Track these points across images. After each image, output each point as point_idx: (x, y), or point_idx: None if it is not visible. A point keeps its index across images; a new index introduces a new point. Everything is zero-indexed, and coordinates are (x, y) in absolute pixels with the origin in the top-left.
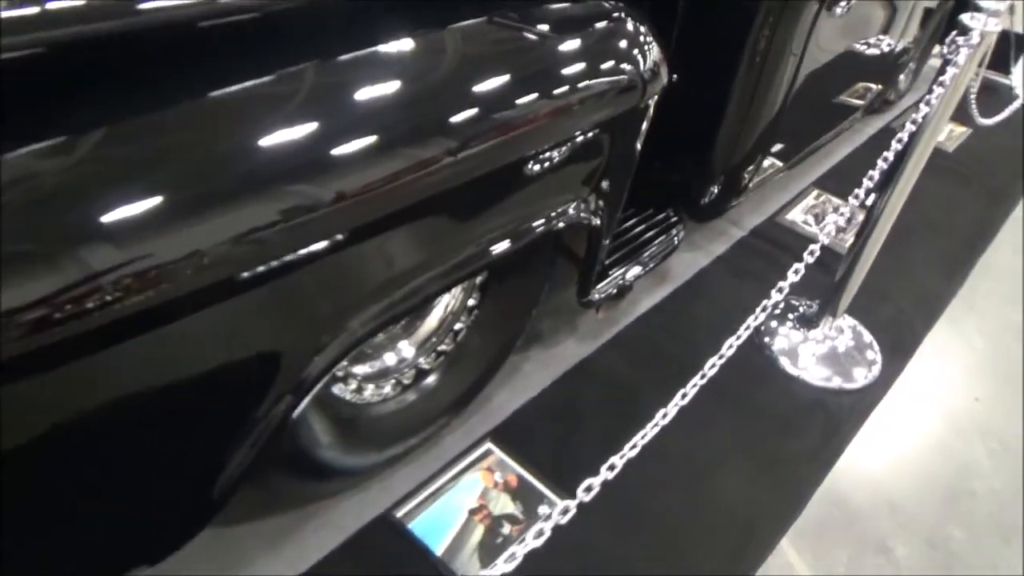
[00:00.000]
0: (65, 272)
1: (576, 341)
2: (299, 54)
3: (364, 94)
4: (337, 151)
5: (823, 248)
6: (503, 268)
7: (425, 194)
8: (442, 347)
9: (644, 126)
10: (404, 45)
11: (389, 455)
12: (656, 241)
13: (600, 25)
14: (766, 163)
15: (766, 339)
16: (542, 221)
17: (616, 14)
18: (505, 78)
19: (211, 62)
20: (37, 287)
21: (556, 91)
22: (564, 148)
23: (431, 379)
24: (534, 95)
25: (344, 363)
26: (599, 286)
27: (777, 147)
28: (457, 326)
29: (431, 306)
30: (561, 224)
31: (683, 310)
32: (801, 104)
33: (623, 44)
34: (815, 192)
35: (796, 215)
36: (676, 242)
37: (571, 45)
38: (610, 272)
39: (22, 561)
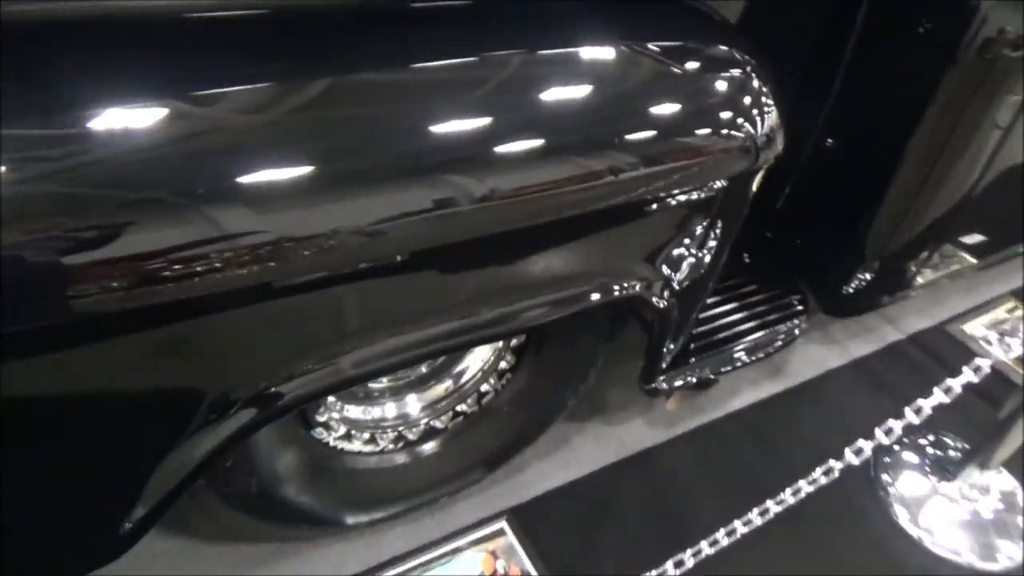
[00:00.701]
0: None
1: (645, 423)
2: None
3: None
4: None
5: (995, 373)
6: (544, 334)
7: (453, 236)
8: (462, 407)
9: (744, 202)
10: (490, 67)
11: (377, 516)
12: (765, 330)
13: (720, 75)
14: (947, 255)
15: (884, 476)
16: (594, 291)
17: (742, 67)
18: (582, 113)
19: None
20: None
21: (642, 137)
22: (638, 208)
23: (441, 440)
24: (614, 138)
25: (339, 405)
26: (668, 375)
27: (968, 238)
28: (484, 387)
29: (450, 362)
30: (618, 298)
31: (789, 415)
32: (1006, 188)
33: (741, 101)
34: (1009, 304)
35: (976, 327)
36: (792, 336)
37: (677, 90)
38: (689, 359)
39: None
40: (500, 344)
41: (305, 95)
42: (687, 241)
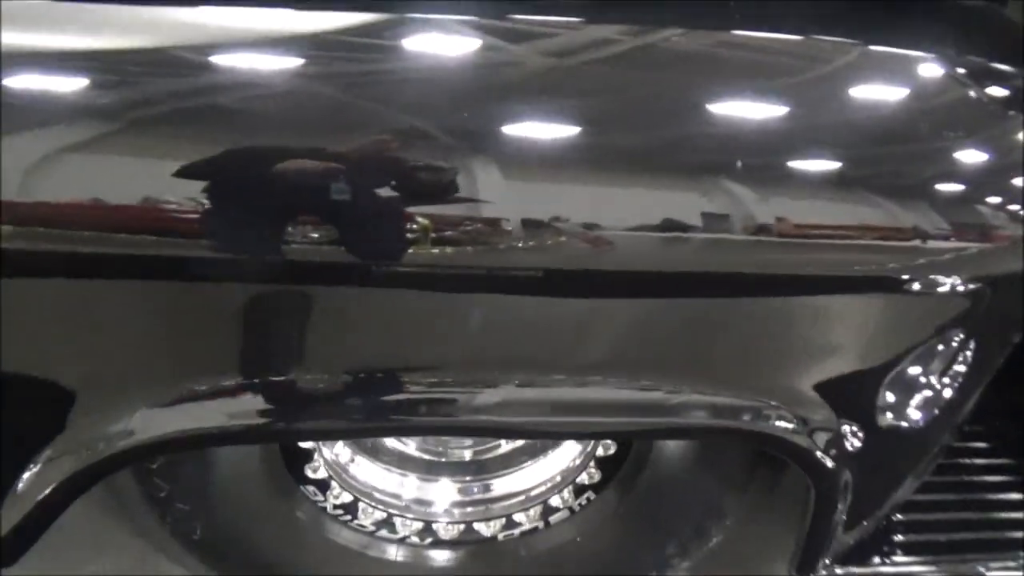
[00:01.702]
0: None
1: None
2: None
3: None
4: None
5: None
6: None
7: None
8: (520, 517)
9: (1015, 325)
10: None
11: None
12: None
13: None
14: None
15: None
16: (704, 412)
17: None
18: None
19: None
20: None
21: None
22: (806, 301)
23: (485, 552)
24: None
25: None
26: (843, 568)
27: None
28: (554, 500)
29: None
30: (743, 432)
31: None
32: None
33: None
34: None
35: None
36: None
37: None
38: (889, 549)
39: None
40: (583, 448)
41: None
42: (903, 368)
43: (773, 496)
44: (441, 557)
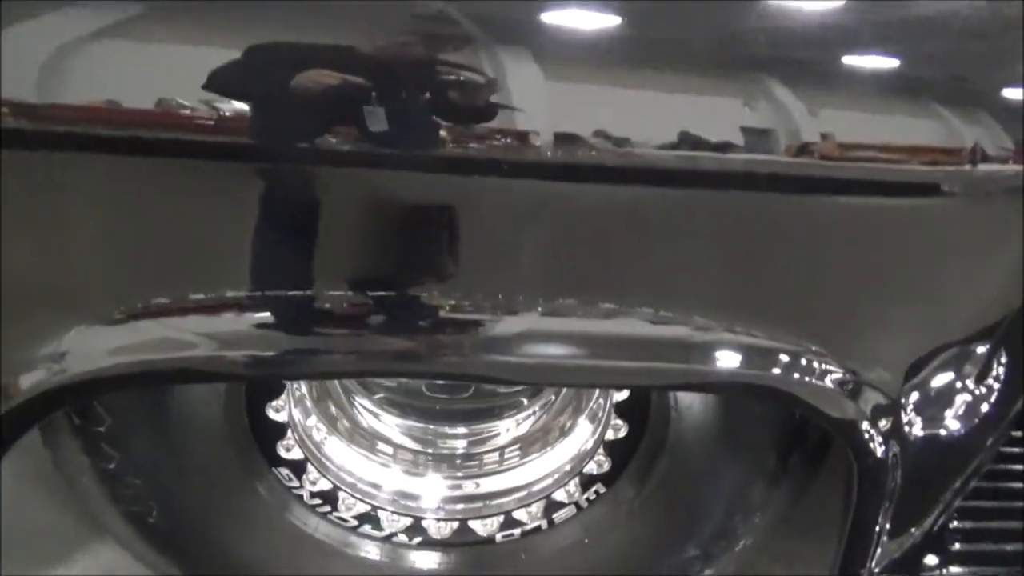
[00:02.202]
0: None
1: None
2: None
3: None
4: None
5: None
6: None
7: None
8: (520, 515)
9: None
10: None
11: None
12: None
13: None
14: None
15: None
16: (735, 364)
17: None
18: None
19: None
20: None
21: None
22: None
23: (479, 555)
24: None
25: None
26: (886, 574)
27: None
28: (558, 494)
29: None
30: (778, 387)
31: None
32: None
33: None
34: None
35: None
36: None
37: None
38: (945, 555)
39: None
40: (592, 432)
41: None
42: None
43: (810, 490)
44: (430, 560)
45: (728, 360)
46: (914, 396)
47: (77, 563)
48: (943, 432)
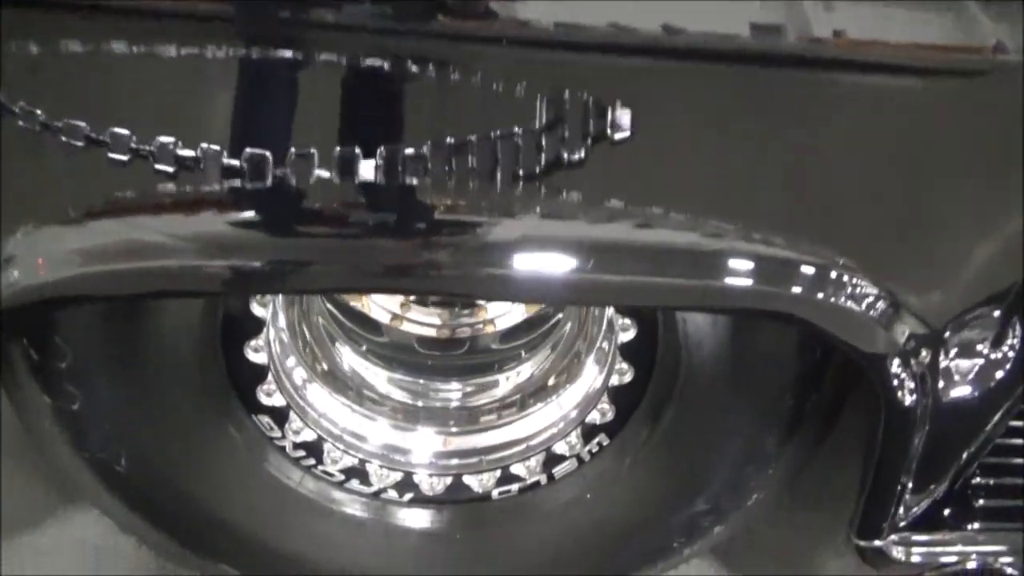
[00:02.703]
0: None
1: None
2: None
3: None
4: None
5: None
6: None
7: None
8: (519, 469)
9: None
10: None
11: None
12: None
13: None
14: None
15: None
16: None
17: None
18: None
19: None
20: None
21: None
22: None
23: (478, 513)
24: None
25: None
26: (917, 534)
27: None
28: (558, 447)
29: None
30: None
31: None
32: None
33: None
34: None
35: None
36: None
37: None
38: (968, 515)
39: None
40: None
41: None
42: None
43: (829, 439)
44: (422, 518)
45: (742, 274)
46: (960, 330)
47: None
48: (983, 376)
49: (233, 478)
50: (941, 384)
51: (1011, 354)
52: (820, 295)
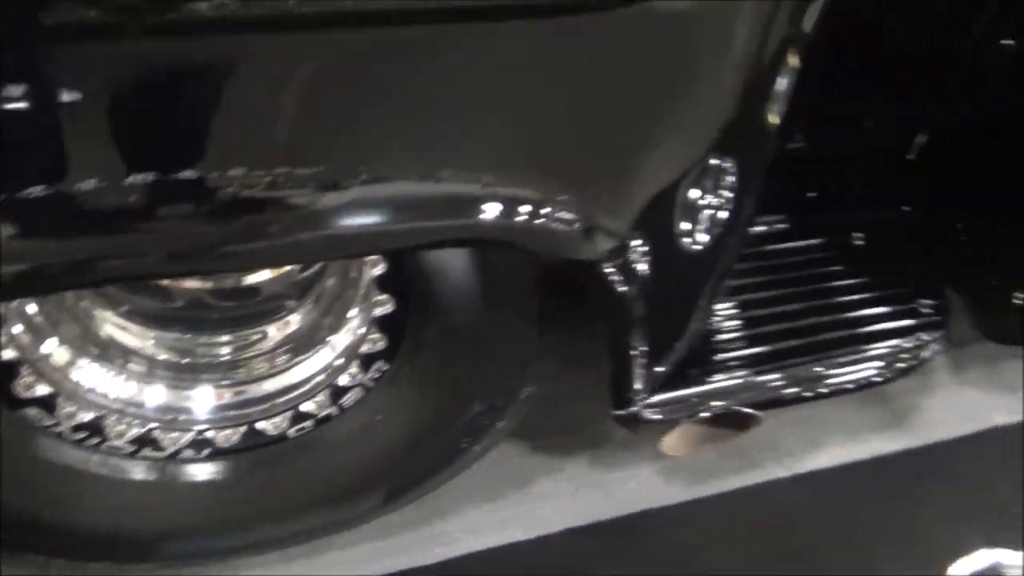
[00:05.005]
0: None
1: (655, 472)
2: None
3: None
4: None
5: None
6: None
7: None
8: (308, 406)
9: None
10: None
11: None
12: (864, 346)
13: None
14: None
15: None
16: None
17: None
18: None
19: None
20: None
21: None
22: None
23: (280, 454)
24: None
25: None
26: (660, 399)
27: None
28: (342, 379)
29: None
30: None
31: (894, 491)
32: None
33: None
34: None
35: None
36: (913, 361)
37: None
38: (704, 377)
39: None
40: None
41: None
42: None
43: (576, 333)
44: (226, 469)
45: (468, 214)
46: (649, 224)
47: None
48: (677, 259)
49: (11, 475)
50: (644, 269)
51: (695, 246)
52: (520, 221)
